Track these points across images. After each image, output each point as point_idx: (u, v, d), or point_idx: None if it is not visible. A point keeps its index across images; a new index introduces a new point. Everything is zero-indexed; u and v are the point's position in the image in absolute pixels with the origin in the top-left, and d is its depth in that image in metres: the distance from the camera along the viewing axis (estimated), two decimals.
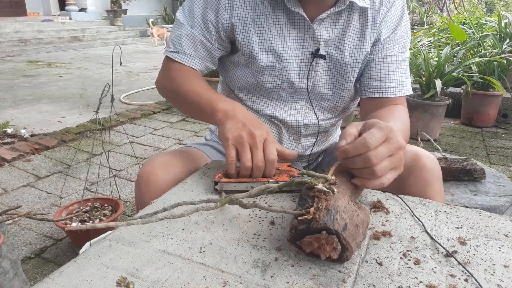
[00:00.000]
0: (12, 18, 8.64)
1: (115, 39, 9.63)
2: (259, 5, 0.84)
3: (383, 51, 0.88)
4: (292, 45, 0.86)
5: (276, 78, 0.90)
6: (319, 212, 0.48)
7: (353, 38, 0.87)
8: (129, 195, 2.00)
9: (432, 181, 0.77)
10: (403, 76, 0.89)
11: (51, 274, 0.48)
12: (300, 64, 0.88)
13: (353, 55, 0.88)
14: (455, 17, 5.04)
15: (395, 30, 0.88)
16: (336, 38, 0.87)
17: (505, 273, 0.49)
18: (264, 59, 0.87)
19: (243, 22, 0.85)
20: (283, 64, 0.87)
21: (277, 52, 0.86)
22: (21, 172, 2.24)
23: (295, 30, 0.85)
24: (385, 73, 0.88)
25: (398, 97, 0.89)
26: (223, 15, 0.86)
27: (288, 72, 0.88)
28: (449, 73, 2.74)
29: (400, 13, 0.88)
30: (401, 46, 0.89)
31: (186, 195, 0.70)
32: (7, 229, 1.06)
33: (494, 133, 3.08)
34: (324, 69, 0.90)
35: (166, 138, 2.88)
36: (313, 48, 0.86)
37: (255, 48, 0.86)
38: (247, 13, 0.85)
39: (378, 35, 0.87)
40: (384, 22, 0.87)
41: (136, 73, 5.44)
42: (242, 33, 0.86)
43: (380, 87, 0.88)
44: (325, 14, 0.83)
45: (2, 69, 5.64)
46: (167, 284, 0.46)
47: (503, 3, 10.31)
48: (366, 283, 0.47)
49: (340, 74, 0.90)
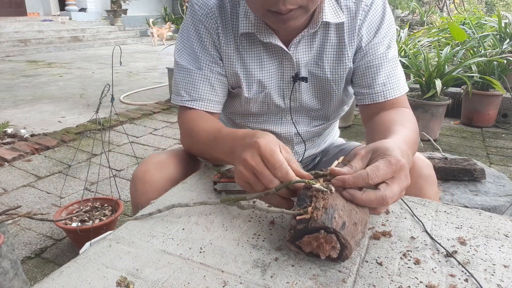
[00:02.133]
0: (12, 18, 8.64)
1: (115, 39, 9.63)
2: (237, 39, 0.85)
3: (367, 56, 0.85)
4: (272, 72, 0.87)
5: (262, 104, 0.91)
6: (317, 211, 0.48)
7: (332, 53, 0.85)
8: (129, 195, 2.00)
9: (427, 188, 0.75)
10: (391, 76, 0.85)
11: (51, 274, 0.48)
12: (283, 88, 0.89)
13: (334, 71, 0.86)
14: (455, 17, 5.04)
15: (377, 32, 0.84)
16: (315, 56, 0.86)
17: (505, 273, 0.49)
18: (249, 90, 0.88)
19: (227, 55, 0.86)
20: (266, 91, 0.88)
21: (259, 81, 0.87)
22: (21, 172, 2.24)
23: (272, 58, 0.86)
24: (371, 78, 0.85)
25: (396, 99, 0.85)
26: (218, 48, 0.86)
27: (272, 97, 0.90)
28: (449, 73, 2.74)
29: (381, 13, 0.84)
30: (385, 46, 0.85)
31: (186, 195, 0.70)
32: (7, 229, 1.06)
33: (494, 133, 3.08)
34: (307, 88, 0.90)
35: (166, 138, 2.88)
36: (292, 73, 0.86)
37: (241, 80, 0.87)
38: (230, 46, 0.85)
39: (359, 42, 0.84)
40: (363, 27, 0.83)
41: (136, 73, 5.44)
42: (228, 66, 0.87)
43: (369, 93, 0.85)
44: (299, 37, 0.82)
45: (2, 69, 5.64)
46: (167, 284, 0.46)
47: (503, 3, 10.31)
48: (366, 283, 0.47)
49: (325, 89, 0.90)
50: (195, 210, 0.64)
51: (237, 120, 0.99)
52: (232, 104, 0.94)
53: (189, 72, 0.86)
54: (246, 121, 0.98)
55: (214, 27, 0.84)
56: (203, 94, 0.85)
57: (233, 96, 0.92)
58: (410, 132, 0.72)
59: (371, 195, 0.51)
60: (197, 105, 0.85)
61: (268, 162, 0.57)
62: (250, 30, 0.81)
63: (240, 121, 0.98)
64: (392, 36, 0.86)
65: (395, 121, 0.76)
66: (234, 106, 0.94)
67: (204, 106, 0.86)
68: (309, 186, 0.53)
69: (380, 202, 0.51)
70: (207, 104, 0.86)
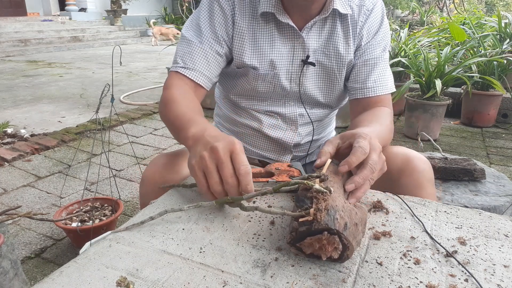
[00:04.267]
0: (12, 18, 8.64)
1: (115, 39, 9.63)
2: (252, 18, 0.90)
3: (364, 55, 0.93)
4: (283, 53, 0.91)
5: (269, 84, 0.94)
6: (319, 213, 0.48)
7: (338, 43, 0.92)
8: (129, 195, 2.00)
9: (423, 182, 0.78)
10: (382, 75, 0.93)
11: (51, 274, 0.48)
12: (291, 71, 0.93)
13: (339, 60, 0.93)
14: (455, 17, 5.04)
15: (375, 34, 0.93)
16: (323, 45, 0.92)
17: (505, 273, 0.49)
18: (259, 68, 0.92)
19: (240, 34, 0.90)
20: (275, 71, 0.92)
21: (271, 60, 0.91)
22: (21, 172, 2.24)
23: (285, 40, 0.91)
24: (366, 74, 0.93)
25: (381, 96, 0.93)
26: (228, 29, 0.90)
27: (279, 79, 0.93)
28: (449, 73, 2.74)
29: (380, 18, 0.94)
30: (381, 49, 0.94)
31: (186, 195, 0.70)
32: (7, 229, 1.06)
33: (494, 133, 3.08)
34: (313, 75, 0.95)
35: (166, 138, 2.88)
36: (303, 56, 0.92)
37: (251, 58, 0.91)
38: (243, 25, 0.90)
39: (359, 41, 0.93)
40: (364, 29, 0.92)
41: (136, 73, 5.44)
42: (239, 44, 0.91)
43: (361, 88, 0.93)
44: (312, 22, 0.89)
45: (2, 69, 5.64)
46: (167, 284, 0.46)
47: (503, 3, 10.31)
48: (366, 283, 0.47)
49: (329, 78, 0.96)
50: (195, 210, 0.64)
51: (242, 103, 1.01)
52: (238, 84, 0.97)
53: (189, 43, 0.89)
54: (251, 103, 1.00)
55: (229, 7, 0.89)
56: (197, 65, 0.88)
57: (240, 76, 0.95)
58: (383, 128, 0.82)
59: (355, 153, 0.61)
60: (189, 73, 0.88)
61: (236, 158, 0.58)
62: (270, 10, 0.86)
63: (245, 104, 1.01)
64: (388, 41, 0.96)
65: (373, 118, 0.85)
66: (240, 86, 0.97)
67: (195, 77, 0.88)
68: (309, 187, 0.53)
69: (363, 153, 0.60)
70: (198, 76, 0.88)
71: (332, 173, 0.61)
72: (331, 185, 0.55)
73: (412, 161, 0.79)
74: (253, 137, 1.05)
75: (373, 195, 0.70)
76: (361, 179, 0.59)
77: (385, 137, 0.82)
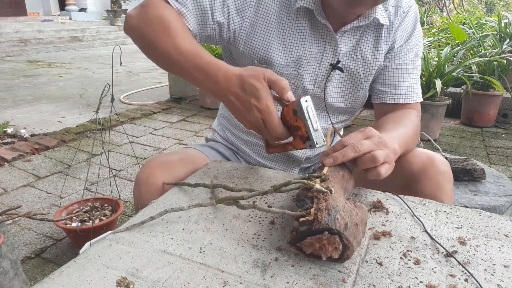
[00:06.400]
0: (12, 18, 8.64)
1: (115, 39, 9.62)
2: (285, 10, 0.83)
3: (396, 58, 0.90)
4: (312, 53, 0.86)
5: (292, 85, 0.88)
6: (320, 213, 0.48)
7: (367, 49, 0.88)
8: (129, 195, 2.00)
9: (444, 184, 0.78)
10: (414, 84, 0.91)
11: (51, 274, 0.48)
12: (317, 74, 0.88)
13: (366, 66, 0.89)
14: (455, 17, 5.04)
15: (408, 38, 0.90)
16: (351, 50, 0.88)
17: (505, 273, 0.49)
18: (283, 64, 0.86)
19: (267, 23, 0.83)
20: (300, 71, 0.87)
21: (297, 58, 0.85)
22: (21, 172, 2.24)
23: (317, 40, 0.85)
24: (398, 80, 0.90)
25: (412, 104, 0.91)
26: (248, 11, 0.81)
27: (303, 80, 0.88)
28: (449, 73, 2.74)
29: (413, 22, 0.90)
30: (414, 54, 0.91)
31: (186, 195, 0.70)
32: (7, 229, 1.06)
33: (494, 133, 3.08)
34: (337, 79, 0.90)
35: (166, 138, 2.88)
36: (332, 59, 0.87)
37: (275, 52, 0.85)
38: (272, 16, 0.82)
39: (392, 43, 0.89)
40: (399, 31, 0.88)
41: (136, 73, 5.44)
42: (263, 35, 0.84)
43: (393, 93, 0.90)
44: (348, 27, 0.83)
45: (2, 69, 5.64)
46: (167, 284, 0.46)
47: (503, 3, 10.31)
48: (366, 283, 0.47)
49: (353, 85, 0.92)
50: (195, 210, 0.64)
51: None
52: None
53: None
54: None
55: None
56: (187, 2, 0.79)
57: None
58: (407, 130, 0.81)
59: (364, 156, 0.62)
60: (177, 6, 0.78)
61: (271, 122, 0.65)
62: (310, 6, 0.80)
63: None
64: (420, 47, 0.93)
65: (398, 121, 0.84)
66: None
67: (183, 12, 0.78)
68: (309, 187, 0.53)
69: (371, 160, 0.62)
70: (187, 13, 0.78)
71: (331, 172, 0.61)
72: (331, 185, 0.55)
73: (434, 162, 0.79)
74: (262, 148, 0.98)
75: (373, 195, 0.70)
76: (340, 155, 0.62)
77: (408, 141, 0.79)
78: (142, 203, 0.77)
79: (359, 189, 0.72)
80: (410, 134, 0.82)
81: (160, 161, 0.82)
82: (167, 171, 0.80)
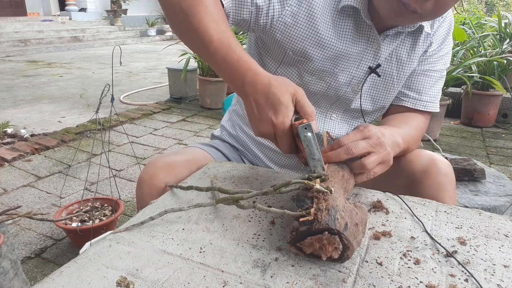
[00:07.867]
0: (12, 18, 8.63)
1: (115, 39, 9.62)
2: (328, 5, 0.79)
3: (426, 64, 0.87)
4: (352, 53, 0.82)
5: (324, 83, 0.85)
6: (320, 212, 0.48)
7: (404, 52, 0.85)
8: (129, 195, 2.00)
9: (446, 185, 0.78)
10: (437, 93, 0.90)
11: (51, 274, 0.48)
12: (353, 75, 0.85)
13: (401, 69, 0.86)
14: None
15: (441, 45, 0.88)
16: (389, 53, 0.85)
17: (505, 273, 0.49)
18: (320, 59, 0.82)
19: (309, 15, 0.78)
20: (336, 69, 0.83)
21: (335, 55, 0.81)
22: (21, 172, 2.24)
23: (359, 39, 0.81)
24: (424, 86, 0.88)
25: (430, 112, 0.90)
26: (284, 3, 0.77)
27: (338, 79, 0.84)
28: (449, 73, 2.74)
29: (447, 28, 0.88)
30: (443, 63, 0.89)
31: (186, 195, 0.70)
32: (7, 229, 1.06)
33: (494, 133, 3.08)
34: (370, 83, 0.87)
35: (166, 138, 2.88)
36: (372, 62, 0.84)
37: (314, 46, 0.80)
38: (316, 9, 0.78)
39: (427, 47, 0.86)
40: (435, 35, 0.86)
41: (136, 73, 5.44)
42: (303, 27, 0.78)
43: (415, 98, 0.88)
44: (392, 31, 0.81)
45: (2, 69, 5.64)
46: (167, 284, 0.46)
47: (503, 3, 10.31)
48: (366, 283, 0.47)
49: (385, 88, 0.89)
50: (195, 210, 0.64)
51: None
52: (287, 74, 0.86)
53: None
54: None
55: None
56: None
57: (291, 64, 0.84)
58: (412, 131, 0.81)
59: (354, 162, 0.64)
60: None
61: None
62: (357, 5, 0.77)
63: None
64: (449, 57, 0.91)
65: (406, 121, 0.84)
66: (289, 76, 0.86)
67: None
68: (309, 187, 0.53)
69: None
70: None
71: (331, 172, 0.61)
72: (331, 185, 0.55)
73: (436, 163, 0.79)
74: (277, 154, 0.95)
75: (373, 195, 0.70)
76: (333, 156, 0.64)
77: (410, 140, 0.79)
78: (144, 204, 0.76)
79: (359, 189, 0.72)
80: (414, 135, 0.81)
81: (163, 162, 0.81)
82: (170, 173, 0.79)
